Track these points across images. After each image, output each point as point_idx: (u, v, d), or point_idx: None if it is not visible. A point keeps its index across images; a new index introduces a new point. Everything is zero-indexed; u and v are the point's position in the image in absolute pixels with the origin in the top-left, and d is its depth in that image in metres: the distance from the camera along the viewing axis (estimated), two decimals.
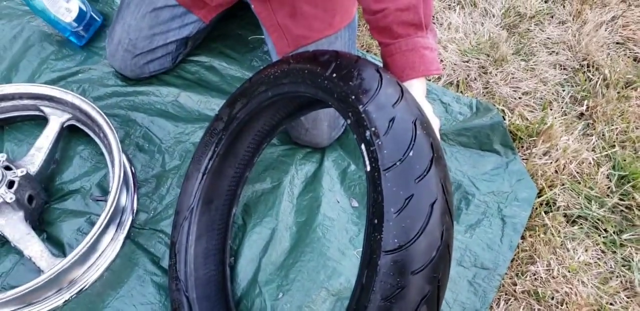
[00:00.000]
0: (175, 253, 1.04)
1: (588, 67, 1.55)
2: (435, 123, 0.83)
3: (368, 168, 0.68)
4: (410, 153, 0.65)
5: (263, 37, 1.37)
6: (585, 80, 1.51)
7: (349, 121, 0.74)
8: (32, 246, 1.04)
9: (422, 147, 0.66)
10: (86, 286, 1.05)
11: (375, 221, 0.64)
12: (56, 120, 1.18)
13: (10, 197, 1.01)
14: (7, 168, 1.06)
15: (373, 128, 0.68)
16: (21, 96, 1.18)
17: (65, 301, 1.03)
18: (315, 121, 1.18)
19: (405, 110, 0.69)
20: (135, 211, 1.15)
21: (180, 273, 1.01)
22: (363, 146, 0.69)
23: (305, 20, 1.12)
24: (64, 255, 1.09)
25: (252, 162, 1.15)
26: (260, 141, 1.13)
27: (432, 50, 0.90)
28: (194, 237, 1.05)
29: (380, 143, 0.66)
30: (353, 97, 0.72)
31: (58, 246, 1.10)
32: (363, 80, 0.73)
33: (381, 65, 0.90)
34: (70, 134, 1.24)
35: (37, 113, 1.21)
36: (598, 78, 1.49)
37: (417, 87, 0.87)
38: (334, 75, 0.76)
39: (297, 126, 1.20)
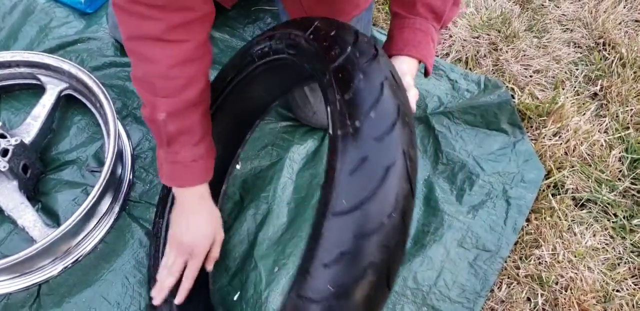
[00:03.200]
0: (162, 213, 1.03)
1: (604, 45, 1.49)
2: (412, 95, 0.79)
3: (330, 132, 0.64)
4: (372, 114, 0.61)
5: (266, 8, 1.34)
6: (601, 59, 1.46)
7: (318, 82, 0.71)
8: (26, 215, 1.03)
9: (386, 108, 0.62)
10: (80, 258, 1.04)
11: (327, 182, 0.60)
12: (53, 89, 1.16)
13: (3, 165, 1.00)
14: (2, 136, 1.04)
15: (337, 88, 0.64)
16: (18, 64, 1.16)
17: (60, 271, 1.02)
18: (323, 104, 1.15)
19: (374, 71, 0.65)
20: (131, 183, 1.13)
21: (162, 231, 1.01)
22: (328, 108, 0.66)
23: (334, 3, 1.05)
24: (58, 225, 1.07)
25: (244, 140, 1.12)
26: (253, 117, 1.11)
27: (435, 47, 0.89)
28: None
29: (341, 102, 0.63)
30: (324, 56, 0.69)
31: (53, 217, 1.10)
32: (337, 40, 0.70)
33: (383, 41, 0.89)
34: (67, 104, 1.22)
35: (34, 81, 1.19)
36: (614, 57, 1.44)
37: (409, 65, 0.86)
38: (311, 36, 0.74)
39: (305, 108, 1.17)
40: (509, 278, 1.10)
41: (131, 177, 1.14)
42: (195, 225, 0.92)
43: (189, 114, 0.84)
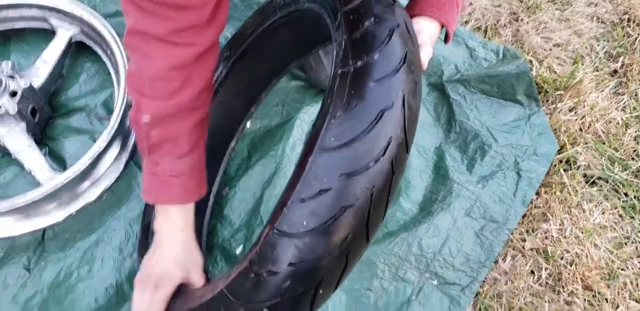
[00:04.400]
0: None
1: (628, 21, 1.46)
2: (425, 52, 0.75)
3: (331, 71, 0.63)
4: (375, 56, 0.59)
5: None
6: (624, 35, 1.43)
7: (331, 28, 0.70)
8: (33, 159, 1.02)
9: (392, 53, 0.60)
10: (86, 204, 1.02)
11: (318, 119, 0.59)
12: (64, 33, 1.13)
13: (12, 106, 0.98)
14: (11, 77, 1.02)
15: (346, 28, 0.63)
16: (30, 5, 1.13)
17: (65, 218, 1.00)
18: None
19: (386, 17, 0.64)
20: None
21: None
22: (334, 50, 0.65)
23: None
24: (65, 170, 1.06)
25: (259, 98, 1.11)
26: (270, 75, 1.09)
27: (459, 13, 0.86)
28: None
29: (347, 42, 0.62)
30: (340, 1, 0.68)
31: (59, 162, 1.09)
32: None
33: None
34: (78, 50, 1.20)
35: (45, 25, 1.16)
36: (638, 34, 1.41)
37: (428, 26, 0.83)
38: None
39: (317, 69, 1.15)
40: (514, 250, 1.09)
41: None
42: (165, 257, 0.81)
43: (177, 121, 0.75)
